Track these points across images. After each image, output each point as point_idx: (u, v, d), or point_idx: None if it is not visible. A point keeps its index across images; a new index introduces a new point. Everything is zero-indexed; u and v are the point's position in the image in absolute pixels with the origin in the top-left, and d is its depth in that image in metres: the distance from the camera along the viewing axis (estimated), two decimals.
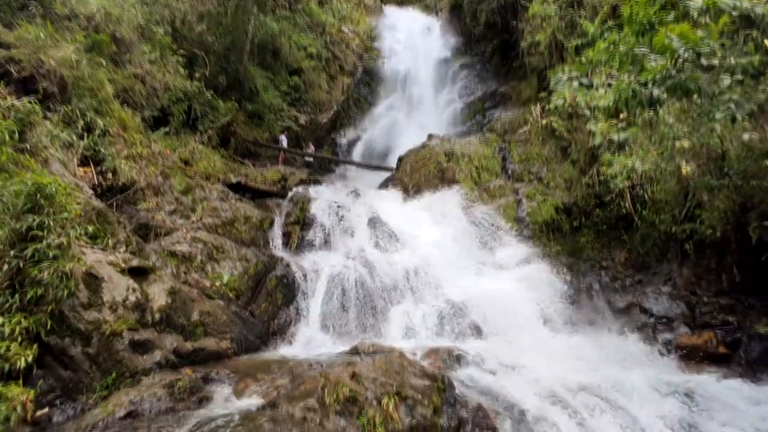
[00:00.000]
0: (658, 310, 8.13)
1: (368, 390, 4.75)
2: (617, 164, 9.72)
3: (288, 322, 8.38)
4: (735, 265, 8.06)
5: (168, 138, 12.88)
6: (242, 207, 10.83)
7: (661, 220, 9.23)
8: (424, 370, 5.24)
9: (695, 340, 7.23)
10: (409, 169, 13.36)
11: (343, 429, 4.39)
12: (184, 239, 9.11)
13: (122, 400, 5.27)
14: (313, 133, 20.29)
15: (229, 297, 8.37)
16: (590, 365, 6.28)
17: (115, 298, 6.47)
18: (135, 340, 6.31)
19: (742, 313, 7.64)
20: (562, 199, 10.91)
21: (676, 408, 5.33)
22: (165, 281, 7.23)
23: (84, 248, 6.84)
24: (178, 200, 10.38)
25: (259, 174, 13.44)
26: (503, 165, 12.78)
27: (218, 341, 7.04)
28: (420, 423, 4.66)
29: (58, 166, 8.35)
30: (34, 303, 5.51)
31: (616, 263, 9.86)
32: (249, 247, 9.65)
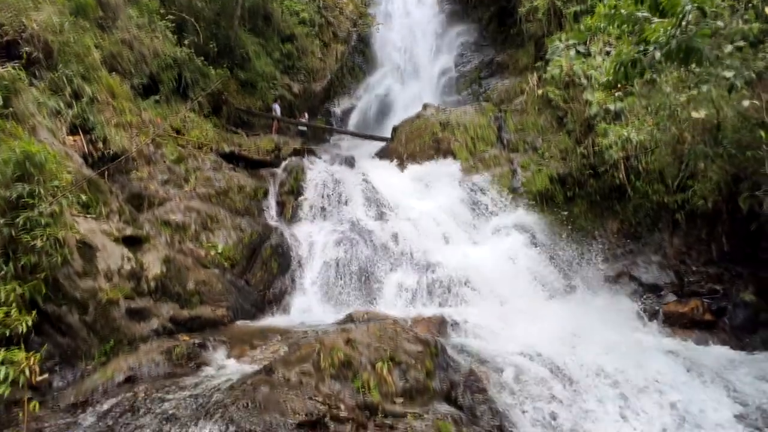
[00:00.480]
0: (648, 279, 8.28)
1: (363, 355, 4.86)
2: (612, 134, 9.71)
3: (283, 291, 8.47)
4: (725, 235, 8.18)
5: (158, 106, 12.63)
6: (236, 176, 10.76)
7: (654, 190, 9.30)
8: (417, 335, 5.35)
9: (682, 307, 7.41)
10: (404, 139, 13.25)
11: (339, 392, 4.51)
12: (177, 209, 9.07)
13: (121, 366, 5.37)
14: (307, 102, 19.97)
15: (224, 266, 8.42)
16: (580, 330, 6.44)
17: (110, 266, 6.50)
18: (131, 308, 6.38)
19: (729, 281, 7.80)
20: (556, 170, 10.92)
21: (660, 368, 5.53)
22: (159, 250, 7.24)
23: (76, 217, 6.80)
24: (170, 170, 10.28)
25: (253, 143, 13.28)
26: (499, 135, 12.69)
27: (214, 309, 7.13)
28: (413, 386, 4.80)
29: (46, 134, 8.19)
30: (28, 271, 5.52)
31: (608, 233, 9.98)
32: (243, 216, 9.64)
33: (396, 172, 11.78)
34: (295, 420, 4.08)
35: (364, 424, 4.24)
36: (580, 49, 12.11)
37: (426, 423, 4.33)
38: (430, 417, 4.43)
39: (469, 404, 4.92)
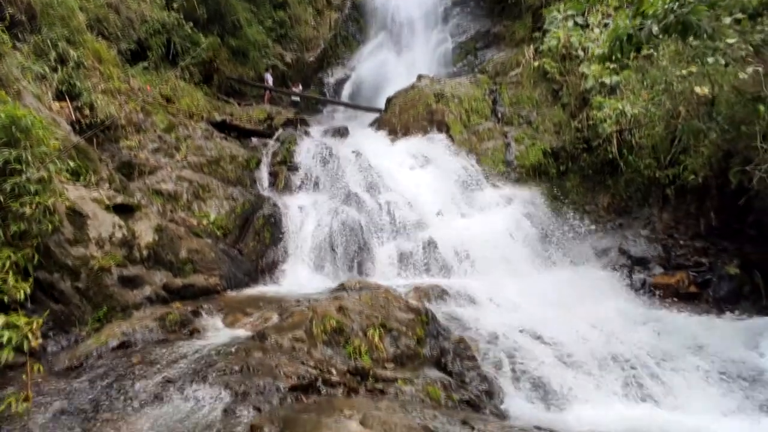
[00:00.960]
0: (636, 252, 8.42)
1: (354, 322, 4.94)
2: (607, 107, 9.67)
3: (276, 261, 8.51)
4: (713, 210, 8.29)
5: (147, 73, 12.35)
6: (228, 146, 10.63)
7: (645, 165, 9.35)
8: (409, 304, 5.44)
9: (668, 279, 7.57)
10: (397, 110, 13.11)
11: (330, 357, 4.61)
12: (168, 178, 8.99)
13: (115, 332, 5.40)
14: (300, 72, 19.61)
15: (217, 235, 8.42)
16: (568, 300, 6.58)
17: (101, 234, 6.46)
18: (124, 275, 6.38)
19: (714, 255, 7.96)
20: (550, 143, 10.91)
21: (645, 336, 5.70)
22: (151, 219, 7.20)
23: (66, 184, 6.72)
24: (161, 138, 10.14)
25: (245, 113, 13.10)
26: (493, 108, 12.60)
27: (207, 278, 7.16)
28: (404, 352, 4.90)
29: (31, 99, 8.00)
30: (18, 238, 5.48)
31: (599, 207, 10.09)
32: (235, 186, 9.58)
33: (389, 144, 11.70)
34: (288, 384, 4.17)
35: (355, 389, 4.34)
36: (578, 20, 11.97)
37: (416, 387, 4.45)
38: (420, 382, 4.54)
39: (458, 370, 5.04)
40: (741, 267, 7.31)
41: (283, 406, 3.93)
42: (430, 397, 4.36)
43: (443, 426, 3.61)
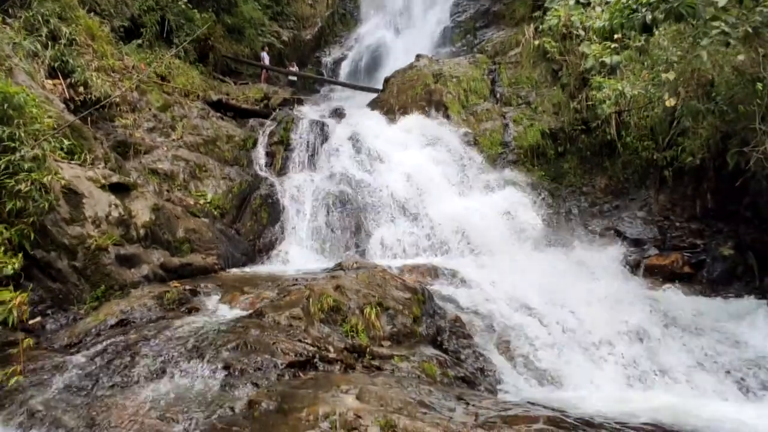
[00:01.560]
0: (632, 234, 8.47)
1: (351, 300, 4.98)
2: (607, 88, 9.58)
3: (273, 241, 8.53)
4: (709, 192, 8.32)
5: (141, 51, 12.15)
6: (224, 126, 10.54)
7: (644, 147, 9.35)
8: (405, 283, 5.48)
9: (663, 260, 7.63)
10: (395, 91, 12.99)
11: (327, 335, 4.65)
12: (165, 157, 8.93)
13: (113, 310, 5.43)
14: (297, 51, 19.33)
15: (214, 215, 8.41)
16: (564, 281, 6.64)
17: (98, 213, 6.45)
18: (121, 254, 6.39)
19: (709, 237, 8.01)
20: (548, 125, 10.85)
21: (639, 316, 5.78)
22: (147, 198, 7.18)
23: (60, 163, 6.67)
24: (156, 117, 10.04)
25: (241, 92, 12.95)
26: (492, 88, 12.50)
27: (204, 257, 7.17)
28: (400, 331, 4.96)
29: (24, 77, 7.87)
30: (14, 215, 5.46)
31: (596, 189, 10.10)
32: (232, 166, 9.54)
33: (387, 124, 11.61)
34: (285, 360, 4.22)
35: (352, 365, 4.40)
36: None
37: (412, 364, 4.51)
38: (416, 359, 4.61)
39: (454, 348, 5.11)
40: (735, 248, 7.37)
41: (280, 381, 3.99)
42: (425, 373, 4.43)
43: (439, 401, 3.67)
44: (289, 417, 3.39)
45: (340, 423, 3.20)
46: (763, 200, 7.30)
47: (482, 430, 3.20)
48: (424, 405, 3.53)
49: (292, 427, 3.27)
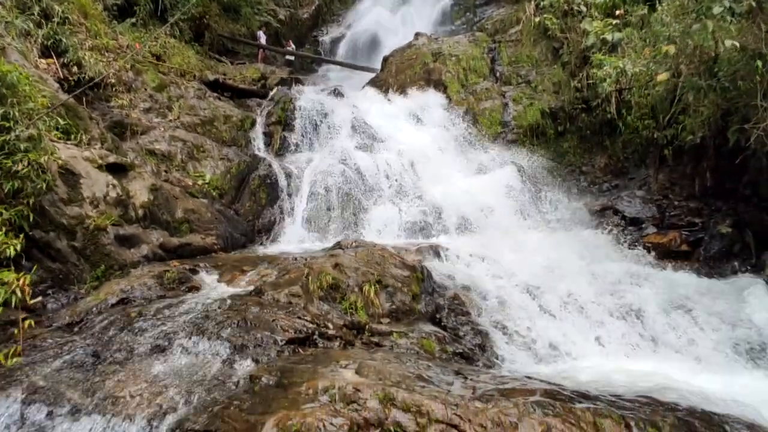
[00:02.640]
0: (630, 212, 8.47)
1: (350, 278, 5.00)
2: (608, 66, 9.48)
3: (272, 221, 8.53)
4: (709, 170, 8.29)
5: (135, 30, 11.95)
6: (221, 106, 10.44)
7: (644, 125, 9.28)
8: (404, 261, 5.50)
9: (661, 238, 7.66)
10: (394, 70, 12.83)
11: (327, 312, 4.69)
12: (162, 138, 8.86)
13: (113, 289, 5.46)
14: (294, 30, 19.03)
15: (213, 196, 8.39)
16: (562, 260, 6.66)
17: (95, 193, 6.43)
18: (120, 234, 6.40)
19: (707, 215, 8.02)
20: (548, 104, 10.76)
21: (635, 292, 5.84)
22: (145, 178, 7.15)
23: (56, 143, 6.62)
24: (152, 97, 9.93)
25: (238, 72, 12.79)
26: (492, 67, 12.35)
27: (204, 237, 7.18)
28: (399, 308, 5.00)
29: (17, 56, 7.76)
30: (11, 196, 5.45)
31: (595, 168, 10.09)
32: (230, 147, 9.48)
33: (385, 103, 11.50)
34: (285, 337, 4.26)
35: (351, 342, 4.45)
36: None
37: (411, 340, 4.56)
38: (415, 335, 4.65)
39: (452, 325, 5.16)
40: (733, 226, 7.38)
41: (280, 357, 4.04)
42: (424, 349, 4.48)
43: (437, 375, 3.72)
44: (288, 391, 3.43)
45: (340, 396, 3.25)
46: (762, 178, 7.29)
47: (480, 402, 3.24)
48: (423, 379, 3.58)
49: (291, 400, 3.31)
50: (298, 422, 3.04)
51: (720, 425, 3.42)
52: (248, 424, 3.17)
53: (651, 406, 3.49)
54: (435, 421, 3.04)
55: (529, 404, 3.17)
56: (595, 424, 3.03)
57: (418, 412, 3.10)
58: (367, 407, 3.15)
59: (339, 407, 3.17)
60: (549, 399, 3.26)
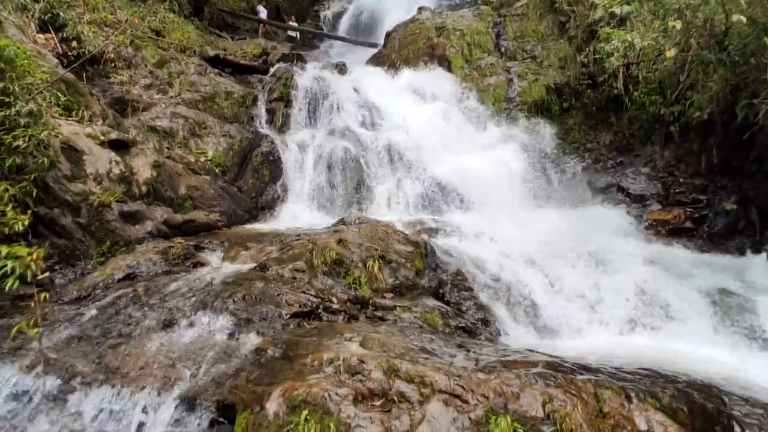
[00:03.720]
0: (635, 189, 8.44)
1: (354, 254, 5.02)
2: (616, 40, 9.29)
3: (276, 198, 8.53)
4: (716, 147, 8.22)
5: (134, 5, 11.76)
6: (223, 82, 10.32)
7: (651, 101, 9.18)
8: (408, 237, 5.51)
9: (665, 215, 7.64)
10: (397, 45, 12.63)
11: (331, 287, 4.73)
12: (163, 114, 8.80)
13: (119, 265, 5.51)
14: (295, 5, 18.68)
15: (216, 172, 8.38)
16: (564, 235, 6.67)
17: (99, 170, 6.42)
18: (124, 211, 6.41)
19: (712, 192, 7.99)
20: (554, 79, 10.61)
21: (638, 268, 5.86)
22: (148, 155, 7.12)
23: (58, 119, 6.58)
24: (152, 73, 9.82)
25: (239, 48, 12.60)
26: (497, 42, 12.13)
27: (207, 214, 7.20)
28: (403, 283, 5.03)
29: (14, 30, 7.65)
30: (15, 172, 5.45)
31: (600, 145, 10.00)
32: (232, 123, 9.42)
33: (389, 79, 11.36)
34: (290, 311, 4.31)
35: (355, 316, 4.49)
36: None
37: (414, 315, 4.61)
38: (419, 310, 4.70)
39: (455, 300, 5.20)
40: (738, 203, 7.35)
41: (285, 330, 4.09)
42: (427, 323, 4.52)
43: (440, 348, 3.77)
44: (294, 363, 3.49)
45: (344, 367, 3.30)
46: None
47: (482, 373, 3.29)
48: (426, 351, 3.63)
49: (297, 372, 3.37)
50: (303, 392, 3.10)
51: (719, 396, 3.48)
52: (255, 394, 3.23)
53: (651, 378, 3.53)
54: (438, 391, 3.09)
55: (531, 375, 3.21)
56: (596, 395, 3.08)
57: (422, 383, 3.15)
58: (372, 378, 3.20)
59: (344, 378, 3.23)
60: (551, 371, 3.31)
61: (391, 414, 3.00)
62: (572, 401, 2.97)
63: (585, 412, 2.93)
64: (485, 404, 3.00)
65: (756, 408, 3.52)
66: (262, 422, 3.01)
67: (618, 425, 2.92)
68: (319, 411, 2.98)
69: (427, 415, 2.96)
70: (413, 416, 2.97)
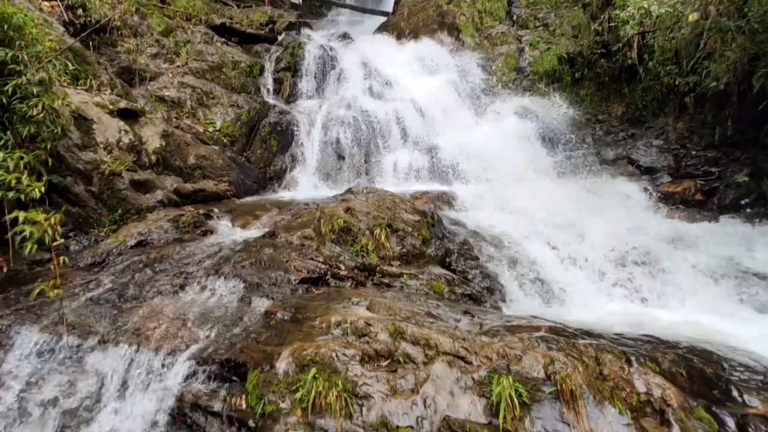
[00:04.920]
0: (645, 162, 8.34)
1: (361, 222, 5.08)
2: (632, 6, 9.02)
3: (284, 169, 8.56)
4: (731, 118, 8.06)
5: None
6: (229, 51, 10.22)
7: (666, 71, 8.96)
8: (415, 206, 5.54)
9: (675, 187, 7.58)
10: (406, 13, 12.35)
11: (339, 254, 4.80)
12: (171, 84, 8.78)
13: (132, 232, 5.63)
14: None
15: (224, 143, 8.40)
16: (572, 207, 6.67)
17: (108, 139, 6.48)
18: (135, 180, 6.50)
19: (725, 164, 7.88)
20: (566, 48, 10.35)
21: (644, 239, 5.86)
22: (157, 125, 7.16)
23: (67, 89, 6.61)
24: (159, 42, 9.75)
25: (245, 16, 12.39)
26: (508, 9, 11.80)
27: (216, 184, 7.27)
28: (410, 251, 5.10)
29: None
30: (28, 140, 5.52)
31: (612, 117, 9.83)
32: (239, 93, 9.37)
33: (397, 48, 11.17)
34: (298, 277, 4.40)
35: (362, 282, 4.58)
36: None
37: (420, 282, 4.68)
38: (425, 277, 4.77)
39: (462, 269, 5.26)
40: (750, 176, 7.27)
41: (294, 295, 4.19)
42: (434, 290, 4.60)
43: (445, 313, 3.85)
44: (303, 325, 3.60)
45: (351, 330, 3.40)
46: None
47: (486, 337, 3.37)
48: (432, 316, 3.71)
49: (306, 333, 3.48)
50: (312, 352, 3.21)
51: (718, 362, 3.53)
52: (265, 354, 3.35)
53: (652, 344, 3.60)
54: (443, 353, 3.19)
55: (533, 339, 3.29)
56: (597, 358, 3.15)
57: (427, 345, 3.24)
58: (378, 340, 3.30)
59: (351, 340, 3.33)
60: (553, 335, 3.38)
61: (396, 373, 3.11)
62: (573, 364, 3.04)
63: (585, 374, 3.00)
64: (488, 365, 3.09)
65: (756, 374, 3.57)
66: (272, 380, 3.14)
67: (617, 387, 2.99)
68: (327, 370, 3.10)
69: (431, 374, 3.06)
70: (418, 376, 3.07)
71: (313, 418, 2.89)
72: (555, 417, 2.79)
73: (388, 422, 2.84)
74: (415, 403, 2.92)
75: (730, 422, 2.91)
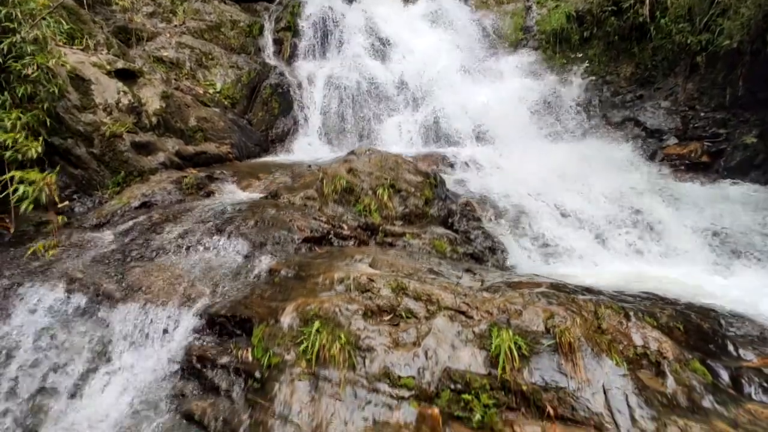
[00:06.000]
0: (652, 124, 8.21)
1: (364, 182, 5.07)
2: None
3: (286, 131, 8.48)
4: (742, 78, 7.87)
5: None
6: (228, 10, 9.93)
7: (678, 29, 8.68)
8: (418, 168, 5.51)
9: (681, 149, 7.48)
10: None
11: (341, 214, 4.82)
12: (169, 44, 8.59)
13: (135, 193, 5.65)
14: None
15: (225, 105, 8.30)
16: (576, 169, 6.61)
17: (107, 100, 6.40)
18: (136, 141, 6.46)
19: (733, 126, 7.75)
20: (575, 6, 10.01)
21: (647, 200, 5.85)
22: (156, 86, 7.06)
23: (62, 48, 6.48)
24: (155, 1, 9.47)
25: None
26: None
27: (218, 146, 7.22)
28: (412, 211, 5.10)
29: None
30: (26, 101, 5.46)
31: (620, 78, 9.61)
32: (239, 54, 9.17)
33: (400, 8, 10.83)
34: (301, 236, 4.44)
35: (365, 241, 4.62)
36: None
37: (423, 241, 4.72)
38: (428, 237, 4.80)
39: (464, 229, 5.28)
40: (759, 137, 7.15)
41: (297, 254, 4.23)
42: (436, 249, 4.64)
43: (447, 270, 3.90)
44: (306, 282, 3.65)
45: (355, 286, 3.45)
46: None
47: (488, 293, 3.42)
48: (434, 272, 3.76)
49: (309, 289, 3.53)
50: (315, 307, 3.27)
51: (716, 319, 3.59)
52: (270, 309, 3.42)
53: (651, 300, 3.65)
54: (444, 308, 3.24)
55: (534, 294, 3.33)
56: (596, 313, 3.20)
57: (429, 300, 3.29)
58: (381, 295, 3.35)
59: (354, 295, 3.38)
60: (554, 290, 3.42)
61: (398, 327, 3.17)
62: (572, 317, 3.09)
63: (584, 328, 3.06)
64: (489, 320, 3.14)
65: (753, 330, 3.63)
66: (277, 333, 3.21)
67: (615, 340, 3.05)
68: (331, 324, 3.16)
69: (433, 328, 3.12)
70: (420, 329, 3.13)
71: (318, 368, 2.97)
72: (553, 368, 2.86)
73: (390, 372, 2.92)
74: (417, 355, 2.99)
75: (724, 374, 2.98)
